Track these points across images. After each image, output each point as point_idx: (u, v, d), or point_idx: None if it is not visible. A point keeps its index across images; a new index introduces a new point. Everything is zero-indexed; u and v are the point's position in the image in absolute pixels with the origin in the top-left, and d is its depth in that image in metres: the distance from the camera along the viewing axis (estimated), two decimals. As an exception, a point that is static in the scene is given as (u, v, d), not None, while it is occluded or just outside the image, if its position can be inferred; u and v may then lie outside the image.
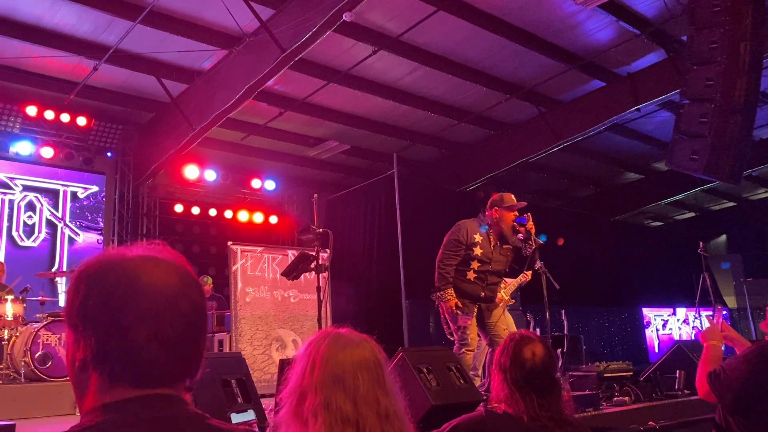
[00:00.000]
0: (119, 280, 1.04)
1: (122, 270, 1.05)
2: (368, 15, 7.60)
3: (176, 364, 1.06)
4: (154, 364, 1.03)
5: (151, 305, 1.03)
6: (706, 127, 6.67)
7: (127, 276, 1.04)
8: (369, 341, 1.50)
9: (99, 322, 1.02)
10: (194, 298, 1.09)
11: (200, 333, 1.10)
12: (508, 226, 5.38)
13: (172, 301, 1.05)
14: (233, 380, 3.54)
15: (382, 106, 10.03)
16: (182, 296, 1.07)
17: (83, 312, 1.04)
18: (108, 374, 1.02)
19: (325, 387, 1.40)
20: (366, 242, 11.13)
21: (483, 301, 5.37)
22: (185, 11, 7.57)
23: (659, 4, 7.82)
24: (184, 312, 1.06)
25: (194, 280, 1.12)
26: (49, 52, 7.89)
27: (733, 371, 2.70)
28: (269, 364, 8.07)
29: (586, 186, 14.83)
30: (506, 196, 5.48)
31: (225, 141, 10.70)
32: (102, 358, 1.02)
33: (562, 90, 10.19)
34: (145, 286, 1.04)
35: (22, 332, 6.43)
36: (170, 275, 1.08)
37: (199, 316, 1.09)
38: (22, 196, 9.50)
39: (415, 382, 3.65)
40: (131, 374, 1.02)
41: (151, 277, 1.05)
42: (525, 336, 2.33)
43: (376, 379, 1.43)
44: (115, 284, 1.04)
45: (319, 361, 1.43)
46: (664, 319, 14.74)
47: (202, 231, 11.86)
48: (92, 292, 1.04)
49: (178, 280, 1.08)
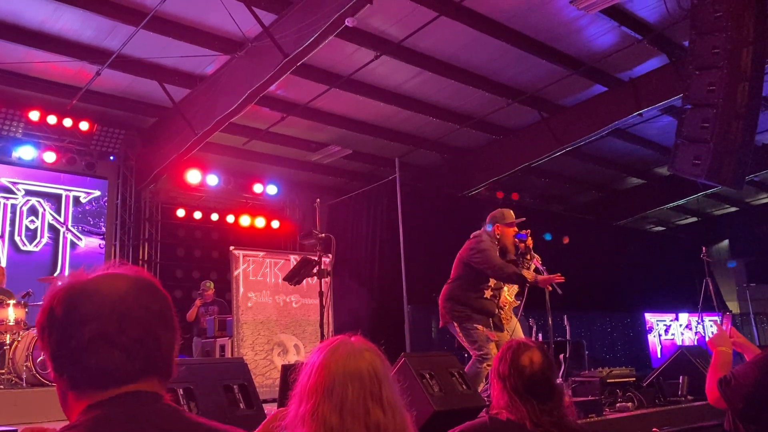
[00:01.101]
0: (72, 293, 1.13)
1: (78, 285, 1.14)
2: (370, 20, 7.62)
3: (135, 361, 1.11)
4: (107, 363, 1.09)
5: (96, 309, 1.10)
6: (708, 133, 6.67)
7: (80, 289, 1.14)
8: (371, 352, 1.48)
9: (53, 333, 1.12)
10: (146, 303, 1.15)
11: (159, 333, 1.15)
12: (510, 242, 5.41)
13: (118, 304, 1.12)
14: (235, 385, 3.53)
15: (384, 110, 10.04)
16: (131, 299, 1.13)
17: (42, 326, 1.14)
18: (69, 381, 1.11)
19: (314, 395, 1.41)
20: (368, 247, 11.13)
21: (494, 316, 5.34)
22: (188, 16, 7.59)
23: (661, 9, 7.82)
24: (135, 315, 1.12)
25: (150, 288, 1.19)
26: (51, 57, 7.91)
27: (744, 377, 2.68)
28: (271, 369, 8.05)
29: (588, 191, 14.82)
30: (506, 212, 5.51)
31: (227, 146, 10.71)
32: (59, 367, 1.11)
33: (565, 95, 10.20)
34: (91, 295, 1.12)
35: (24, 337, 6.42)
36: (119, 284, 1.15)
37: (154, 318, 1.15)
38: (25, 200, 9.51)
39: (417, 388, 3.64)
40: (86, 377, 1.10)
41: (99, 287, 1.14)
42: (522, 343, 2.34)
43: (369, 391, 1.40)
44: (67, 298, 1.13)
45: (314, 368, 1.45)
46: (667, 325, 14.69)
47: (203, 236, 11.86)
48: (50, 307, 1.13)
49: (128, 287, 1.15)
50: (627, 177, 14.12)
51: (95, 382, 1.09)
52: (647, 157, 12.76)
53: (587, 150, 11.84)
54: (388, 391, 1.43)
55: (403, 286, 9.23)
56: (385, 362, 1.49)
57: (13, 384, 6.21)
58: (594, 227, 14.65)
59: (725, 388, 2.71)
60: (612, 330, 13.65)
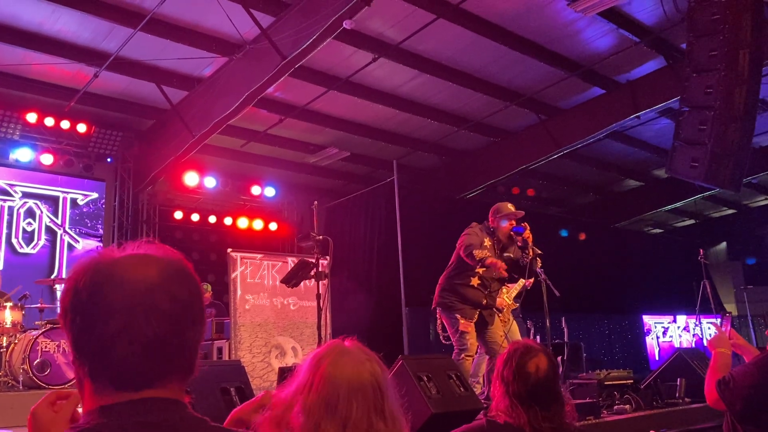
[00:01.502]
0: (98, 277, 1.04)
1: (105, 267, 1.05)
2: (368, 23, 7.62)
3: (156, 363, 1.03)
4: (127, 363, 1.00)
5: (123, 301, 1.01)
6: (706, 135, 6.67)
7: (107, 272, 1.04)
8: (372, 361, 1.44)
9: (77, 318, 1.03)
10: (175, 293, 1.05)
11: (185, 330, 1.06)
12: (504, 234, 5.49)
13: (147, 296, 1.02)
14: (232, 388, 3.53)
15: (383, 113, 10.04)
16: (160, 291, 1.03)
17: (63, 312, 1.05)
18: (89, 373, 1.02)
19: (317, 411, 1.37)
20: (366, 249, 11.12)
21: (484, 308, 5.38)
22: (186, 18, 7.59)
23: (659, 11, 7.84)
24: (163, 308, 1.03)
25: (181, 275, 1.09)
26: (49, 59, 7.90)
27: (743, 379, 2.68)
28: (269, 372, 8.04)
29: (586, 193, 14.83)
30: (502, 205, 5.62)
31: (225, 148, 10.70)
32: (81, 355, 1.03)
33: (562, 97, 10.21)
34: (119, 282, 1.02)
35: (21, 339, 6.41)
36: (149, 270, 1.05)
37: (182, 311, 1.05)
38: (22, 202, 9.49)
39: (415, 390, 3.63)
40: (106, 373, 1.02)
41: (128, 272, 1.04)
42: (528, 347, 2.30)
43: (373, 404, 1.38)
44: (93, 281, 1.03)
45: (316, 382, 1.40)
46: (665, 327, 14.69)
47: (201, 238, 11.85)
48: (75, 288, 1.04)
49: (157, 275, 1.05)
50: (625, 179, 14.13)
51: (114, 380, 1.01)
52: (645, 160, 12.77)
53: (585, 152, 11.86)
54: (389, 402, 1.40)
55: (401, 289, 9.22)
56: (385, 370, 1.46)
57: (10, 387, 6.20)
58: (592, 229, 14.67)
59: (724, 389, 2.71)
60: (610, 332, 13.66)
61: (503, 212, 5.53)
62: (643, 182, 14.19)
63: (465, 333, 5.23)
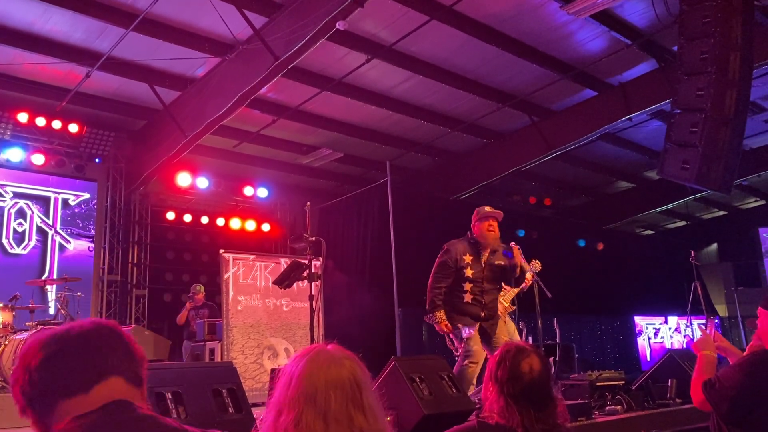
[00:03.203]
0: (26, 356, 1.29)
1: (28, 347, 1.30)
2: (362, 24, 7.63)
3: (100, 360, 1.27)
4: (72, 367, 1.24)
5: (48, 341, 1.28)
6: (697, 137, 6.71)
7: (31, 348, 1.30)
8: (350, 360, 1.51)
9: (25, 384, 1.26)
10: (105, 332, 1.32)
11: (115, 343, 1.32)
12: (485, 239, 5.36)
13: (79, 332, 1.30)
14: (224, 390, 3.51)
15: (376, 114, 10.05)
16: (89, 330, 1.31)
17: (20, 390, 1.28)
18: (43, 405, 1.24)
19: (297, 404, 1.43)
20: (359, 250, 11.12)
21: (484, 320, 5.33)
22: (178, 19, 7.57)
23: (650, 14, 7.87)
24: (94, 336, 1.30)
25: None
26: (41, 58, 7.86)
27: (728, 380, 2.72)
28: (261, 373, 8.02)
29: (577, 195, 14.88)
30: (480, 209, 5.51)
31: (217, 148, 10.68)
32: (33, 402, 1.25)
33: (555, 99, 10.25)
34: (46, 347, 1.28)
35: (12, 341, 6.37)
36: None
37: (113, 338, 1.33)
38: (13, 203, 9.43)
39: (407, 391, 3.64)
40: (55, 389, 1.23)
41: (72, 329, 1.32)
42: (521, 348, 2.32)
43: (351, 397, 1.44)
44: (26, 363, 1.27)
45: (295, 378, 1.47)
46: (656, 328, 14.78)
47: (193, 239, 11.82)
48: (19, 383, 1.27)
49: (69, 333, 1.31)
50: (616, 181, 14.19)
51: (69, 387, 1.22)
52: (636, 161, 12.83)
53: (577, 154, 11.90)
54: (368, 397, 1.47)
55: (393, 290, 9.23)
56: (364, 369, 1.52)
57: (0, 388, 6.16)
58: (583, 231, 14.72)
59: (710, 391, 2.75)
60: (601, 333, 13.72)
61: (480, 214, 5.44)
62: (635, 184, 14.26)
63: (469, 339, 5.13)
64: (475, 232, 5.42)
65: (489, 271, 5.37)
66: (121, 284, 10.23)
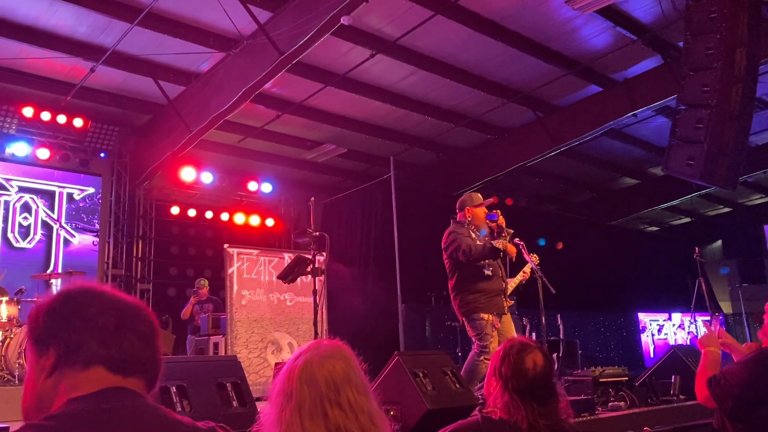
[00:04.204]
0: (78, 290, 1.22)
1: (78, 287, 1.23)
2: (366, 18, 7.61)
3: (148, 355, 1.20)
4: (128, 350, 1.17)
5: (113, 303, 1.21)
6: (702, 133, 6.69)
7: (84, 288, 1.23)
8: (333, 359, 1.54)
9: (67, 318, 1.16)
10: (151, 319, 1.25)
11: (156, 347, 1.25)
12: (481, 222, 5.42)
13: (131, 308, 1.22)
14: (228, 383, 3.53)
15: (379, 109, 10.04)
16: (139, 311, 1.23)
17: (48, 317, 1.18)
18: (83, 363, 1.14)
19: (278, 399, 1.52)
20: (362, 246, 11.13)
21: (504, 293, 5.30)
22: (183, 13, 7.56)
23: (656, 10, 7.85)
24: (144, 320, 1.23)
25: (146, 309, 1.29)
26: (46, 53, 7.87)
27: (733, 377, 2.72)
28: (265, 367, 8.05)
29: (582, 191, 14.86)
30: (473, 195, 5.59)
31: (222, 143, 10.69)
32: (78, 350, 1.14)
33: (559, 95, 10.22)
34: (103, 292, 1.23)
35: (17, 334, 6.41)
36: (124, 296, 1.25)
37: (155, 332, 1.25)
38: (18, 197, 9.47)
39: (410, 386, 3.65)
40: (105, 357, 1.15)
41: (106, 290, 1.25)
42: (524, 344, 2.32)
43: (325, 395, 1.48)
44: (75, 292, 1.21)
45: (282, 375, 1.55)
46: (660, 324, 14.76)
47: (198, 233, 11.84)
48: (55, 302, 1.20)
49: (132, 300, 1.25)
50: (621, 177, 14.16)
51: (107, 361, 1.15)
52: (641, 158, 12.80)
53: (582, 150, 11.88)
54: (349, 394, 1.50)
55: (397, 285, 9.24)
56: (349, 366, 1.55)
57: (6, 381, 6.20)
58: (588, 227, 14.70)
59: (715, 387, 2.75)
60: (605, 329, 13.71)
61: (476, 201, 5.47)
62: (639, 180, 14.23)
63: (488, 335, 5.06)
64: (467, 216, 5.44)
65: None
66: (125, 278, 10.26)
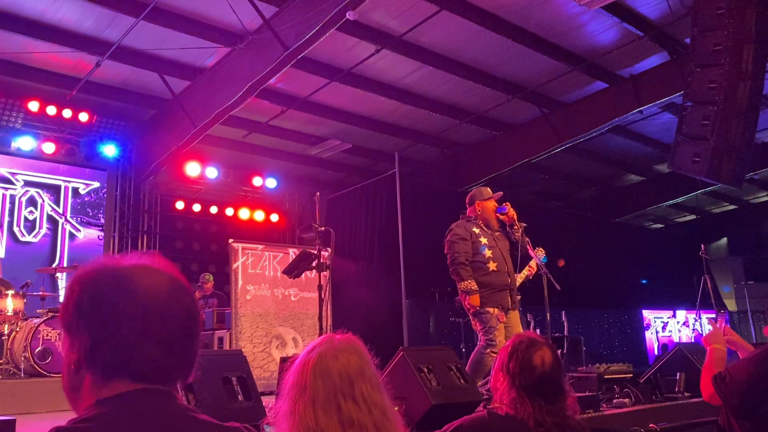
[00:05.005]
0: (111, 283, 1.12)
1: (115, 274, 1.13)
2: (371, 14, 7.60)
3: (171, 362, 1.13)
4: (148, 361, 1.10)
5: (141, 306, 1.10)
6: (709, 130, 6.67)
7: (118, 280, 1.12)
8: (347, 352, 1.54)
9: (91, 320, 1.09)
10: (187, 304, 1.16)
11: (194, 335, 1.17)
12: (490, 216, 5.48)
13: (163, 304, 1.12)
14: (234, 378, 3.54)
15: (384, 105, 10.02)
16: (174, 300, 1.14)
17: (76, 312, 1.10)
18: (102, 371, 1.08)
19: (291, 392, 1.52)
20: (367, 241, 11.14)
21: (510, 288, 5.31)
22: (188, 8, 7.56)
23: (663, 6, 7.80)
24: (177, 314, 1.13)
25: (186, 288, 1.19)
26: (51, 47, 7.89)
27: (739, 374, 2.72)
28: (269, 362, 8.07)
29: (587, 187, 14.82)
30: (483, 189, 5.65)
31: (227, 138, 10.69)
32: (95, 355, 1.08)
33: (565, 91, 10.19)
34: (135, 289, 1.11)
35: (23, 327, 6.43)
36: (161, 281, 1.15)
37: (192, 319, 1.17)
38: (24, 191, 9.50)
39: (415, 382, 3.65)
40: (126, 369, 1.09)
41: (142, 281, 1.13)
42: (533, 340, 2.31)
43: (339, 389, 1.48)
44: (107, 286, 1.11)
45: (295, 368, 1.55)
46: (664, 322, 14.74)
47: (203, 228, 11.86)
48: (85, 293, 1.11)
49: (169, 286, 1.15)
50: (626, 174, 14.12)
51: (129, 374, 1.09)
52: (647, 154, 12.75)
53: (587, 146, 11.84)
54: (362, 387, 1.50)
55: (401, 281, 9.24)
56: (363, 361, 1.55)
57: (12, 374, 6.22)
58: (593, 224, 14.68)
59: (720, 384, 2.74)
60: (609, 326, 13.70)
61: (485, 195, 5.52)
62: (645, 177, 14.18)
63: (494, 328, 5.08)
64: (477, 210, 5.49)
65: (495, 239, 5.43)
66: (130, 273, 10.28)
